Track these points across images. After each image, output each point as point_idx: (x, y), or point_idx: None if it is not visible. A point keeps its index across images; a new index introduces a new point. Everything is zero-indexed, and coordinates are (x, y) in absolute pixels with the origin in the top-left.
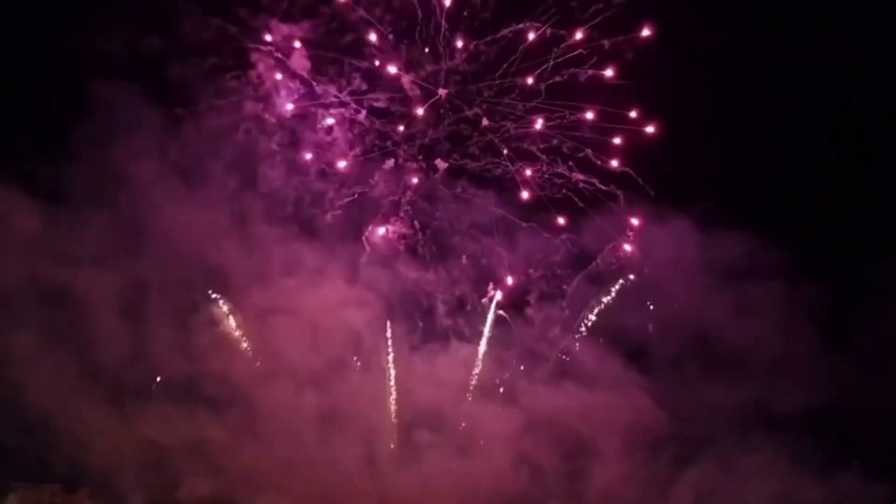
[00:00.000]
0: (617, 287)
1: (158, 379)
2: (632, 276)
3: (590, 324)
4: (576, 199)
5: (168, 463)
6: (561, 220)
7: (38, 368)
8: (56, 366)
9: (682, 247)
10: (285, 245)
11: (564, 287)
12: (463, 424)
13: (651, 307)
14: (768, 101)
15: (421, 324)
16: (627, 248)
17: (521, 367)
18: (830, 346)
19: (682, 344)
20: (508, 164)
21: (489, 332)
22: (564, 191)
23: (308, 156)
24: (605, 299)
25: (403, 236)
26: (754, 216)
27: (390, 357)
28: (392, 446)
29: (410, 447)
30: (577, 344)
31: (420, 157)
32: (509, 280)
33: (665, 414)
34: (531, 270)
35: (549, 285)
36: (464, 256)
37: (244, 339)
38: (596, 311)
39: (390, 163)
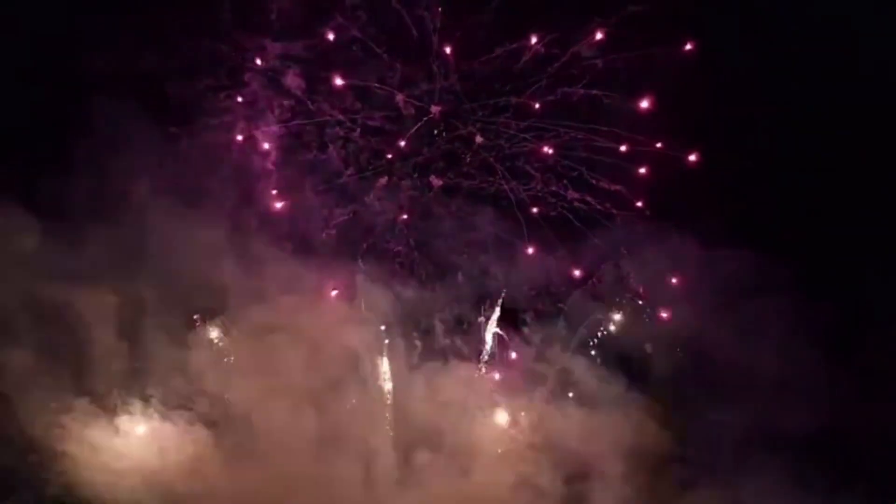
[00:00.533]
0: (616, 306)
1: (152, 395)
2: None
3: (589, 342)
4: (571, 217)
5: (163, 484)
6: (555, 239)
7: (30, 387)
8: (49, 384)
9: (682, 265)
10: (278, 265)
11: (561, 305)
12: (461, 443)
13: (650, 326)
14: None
15: (418, 343)
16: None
17: (520, 387)
18: (836, 365)
19: (684, 364)
20: (503, 182)
21: (488, 351)
22: (561, 209)
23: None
24: (603, 317)
25: (398, 254)
26: (757, 233)
27: (386, 376)
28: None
29: (408, 467)
30: (576, 362)
31: (415, 176)
32: (504, 298)
33: (668, 435)
34: (527, 289)
35: (546, 304)
36: (459, 274)
37: (236, 358)
38: (595, 329)
39: (384, 181)
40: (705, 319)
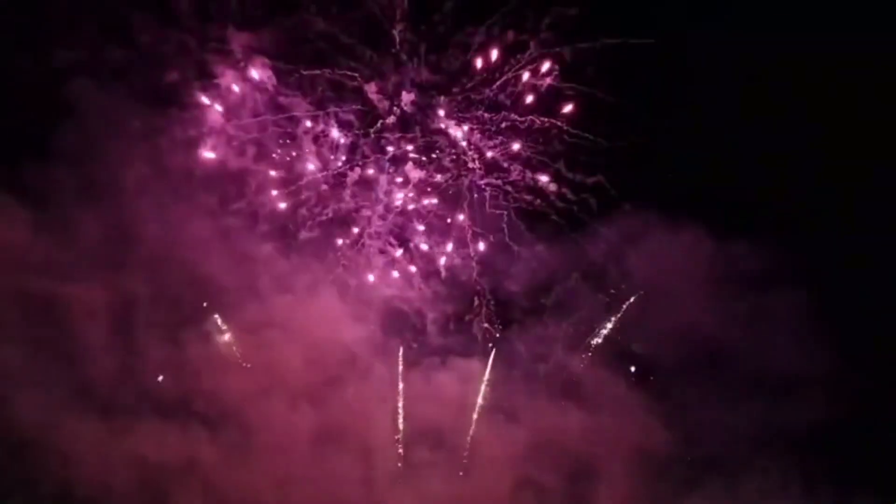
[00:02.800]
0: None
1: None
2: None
3: (583, 337)
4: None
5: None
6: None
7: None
8: (43, 381)
9: (682, 258)
10: (257, 264)
11: (543, 301)
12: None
13: (649, 321)
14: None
15: (404, 342)
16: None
17: (511, 384)
18: (844, 361)
19: (686, 359)
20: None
21: (477, 348)
22: (539, 201)
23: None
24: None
25: (381, 252)
26: (760, 225)
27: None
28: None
29: (405, 465)
30: (572, 358)
31: (390, 171)
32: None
33: (672, 433)
34: (510, 284)
35: (531, 300)
36: (442, 270)
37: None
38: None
39: (356, 175)
40: (710, 313)
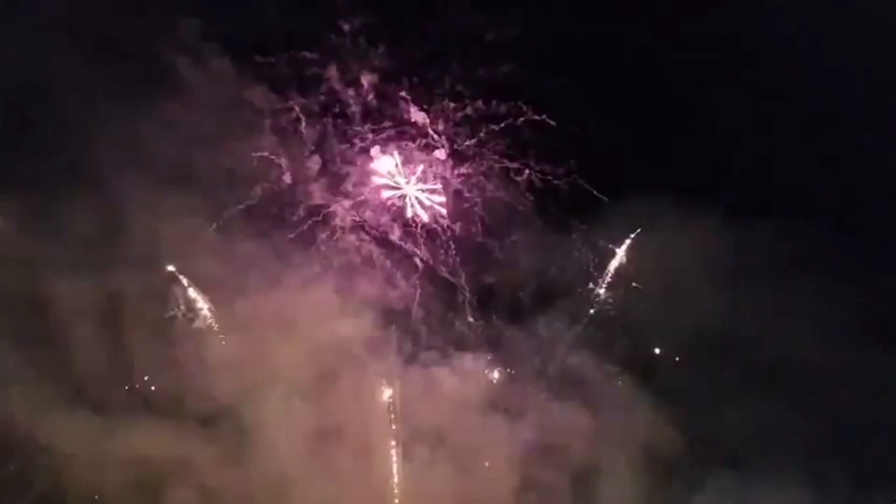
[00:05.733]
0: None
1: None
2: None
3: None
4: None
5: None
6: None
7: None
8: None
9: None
10: (237, 261)
11: (520, 294)
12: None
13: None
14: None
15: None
16: None
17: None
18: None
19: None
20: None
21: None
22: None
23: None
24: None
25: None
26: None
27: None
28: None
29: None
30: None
31: (357, 163)
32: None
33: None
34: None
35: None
36: (418, 262)
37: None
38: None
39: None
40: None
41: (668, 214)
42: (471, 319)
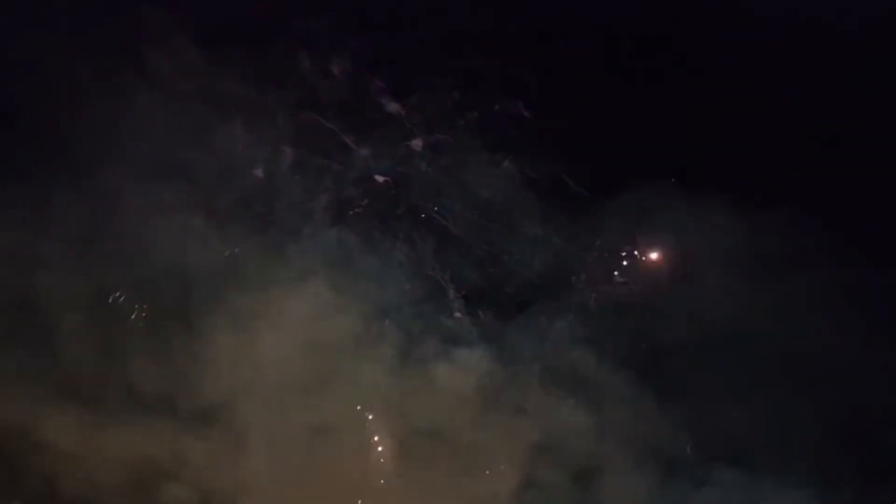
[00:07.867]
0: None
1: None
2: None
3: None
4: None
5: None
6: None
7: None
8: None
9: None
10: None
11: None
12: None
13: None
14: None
15: (391, 329)
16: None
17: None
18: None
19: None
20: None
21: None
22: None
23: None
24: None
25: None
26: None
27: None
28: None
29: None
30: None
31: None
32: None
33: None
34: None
35: (519, 286)
36: (399, 255)
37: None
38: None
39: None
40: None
41: (667, 207)
42: (458, 314)
